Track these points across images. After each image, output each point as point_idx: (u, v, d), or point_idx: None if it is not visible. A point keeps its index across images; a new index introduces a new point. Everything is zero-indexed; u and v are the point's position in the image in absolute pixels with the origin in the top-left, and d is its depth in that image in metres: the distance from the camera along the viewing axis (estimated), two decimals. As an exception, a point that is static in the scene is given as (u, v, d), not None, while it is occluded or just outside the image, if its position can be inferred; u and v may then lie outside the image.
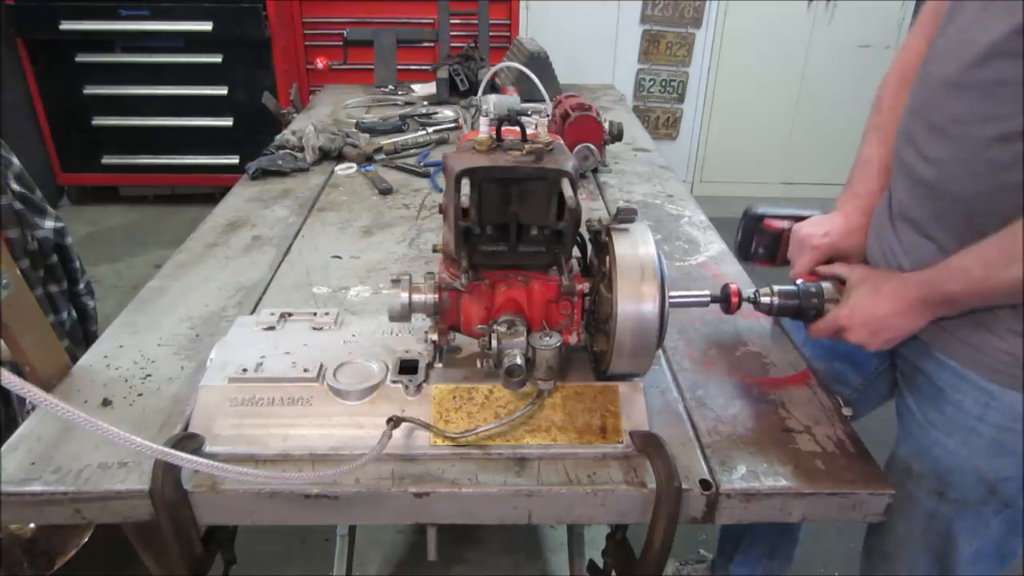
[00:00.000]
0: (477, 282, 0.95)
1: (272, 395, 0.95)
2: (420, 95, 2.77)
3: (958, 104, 0.96)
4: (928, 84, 1.04)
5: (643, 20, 4.23)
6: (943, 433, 1.07)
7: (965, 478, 1.06)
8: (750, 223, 1.30)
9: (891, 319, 1.01)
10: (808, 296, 1.09)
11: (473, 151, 0.92)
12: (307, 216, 1.68)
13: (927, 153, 1.02)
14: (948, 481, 1.08)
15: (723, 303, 1.09)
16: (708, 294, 1.08)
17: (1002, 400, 1.00)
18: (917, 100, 1.07)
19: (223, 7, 3.72)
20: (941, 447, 1.08)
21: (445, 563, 2.02)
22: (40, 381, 1.01)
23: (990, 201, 0.93)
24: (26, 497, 0.86)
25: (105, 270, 3.56)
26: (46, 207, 1.64)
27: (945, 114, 0.98)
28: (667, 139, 4.54)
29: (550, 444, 0.93)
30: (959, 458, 1.06)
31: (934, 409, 1.09)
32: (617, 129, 1.99)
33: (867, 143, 1.22)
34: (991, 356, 1.00)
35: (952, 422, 1.06)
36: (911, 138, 1.06)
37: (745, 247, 1.32)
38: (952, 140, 0.97)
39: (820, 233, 1.18)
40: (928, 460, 1.10)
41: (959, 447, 1.05)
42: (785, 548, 1.62)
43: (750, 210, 1.31)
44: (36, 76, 3.91)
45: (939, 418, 1.08)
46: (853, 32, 4.25)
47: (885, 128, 1.17)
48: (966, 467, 1.06)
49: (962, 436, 1.05)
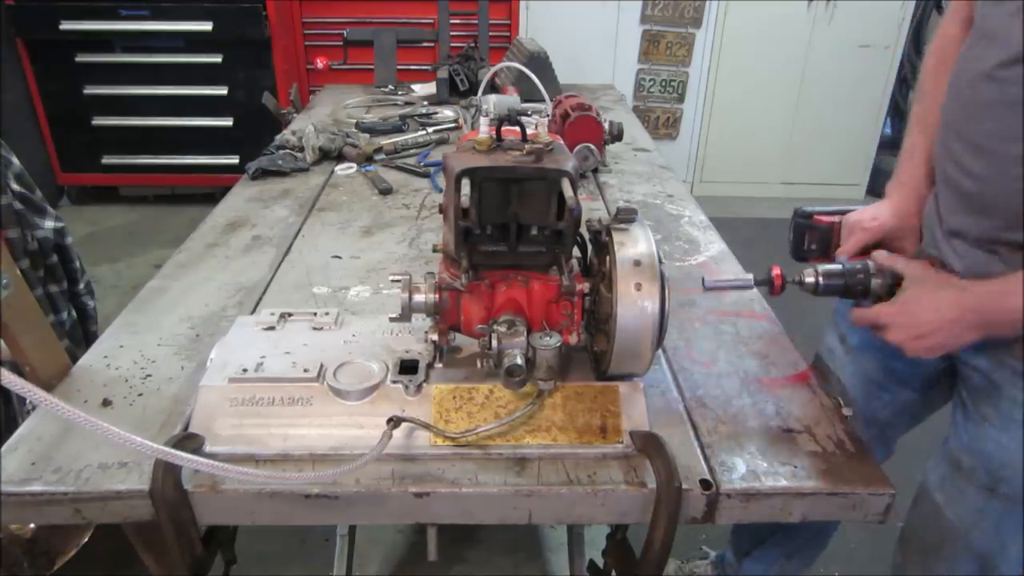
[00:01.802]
0: (477, 282, 0.95)
1: (272, 395, 0.95)
2: (420, 95, 2.77)
3: (994, 123, 0.97)
4: (959, 101, 1.04)
5: (643, 20, 4.24)
6: (997, 429, 1.06)
7: (1017, 475, 1.05)
8: (801, 221, 1.29)
9: (941, 327, 0.97)
10: (854, 273, 1.05)
11: (473, 151, 0.92)
12: (307, 216, 1.68)
13: (968, 168, 1.02)
14: (999, 477, 1.07)
15: (767, 285, 1.07)
16: (752, 277, 1.07)
17: None
18: (950, 115, 1.07)
19: (223, 7, 3.72)
20: (994, 442, 1.06)
21: (445, 563, 2.02)
22: (40, 381, 1.01)
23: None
24: (26, 497, 0.86)
25: (105, 270, 3.55)
26: (46, 207, 1.64)
27: (979, 131, 0.99)
28: (667, 139, 4.55)
29: (550, 444, 0.93)
30: (1012, 453, 1.04)
31: (988, 404, 1.08)
32: (617, 129, 1.99)
33: (911, 132, 1.23)
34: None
35: (1007, 417, 1.05)
36: (951, 153, 1.06)
37: (798, 245, 1.31)
38: (989, 156, 0.98)
39: (869, 216, 1.20)
40: (980, 455, 1.09)
41: (1012, 442, 1.04)
42: (809, 551, 1.60)
43: (800, 209, 1.31)
44: (36, 76, 3.91)
45: (993, 413, 1.07)
46: (853, 32, 4.25)
47: (927, 115, 1.18)
48: (1018, 463, 1.04)
49: (1016, 432, 1.04)
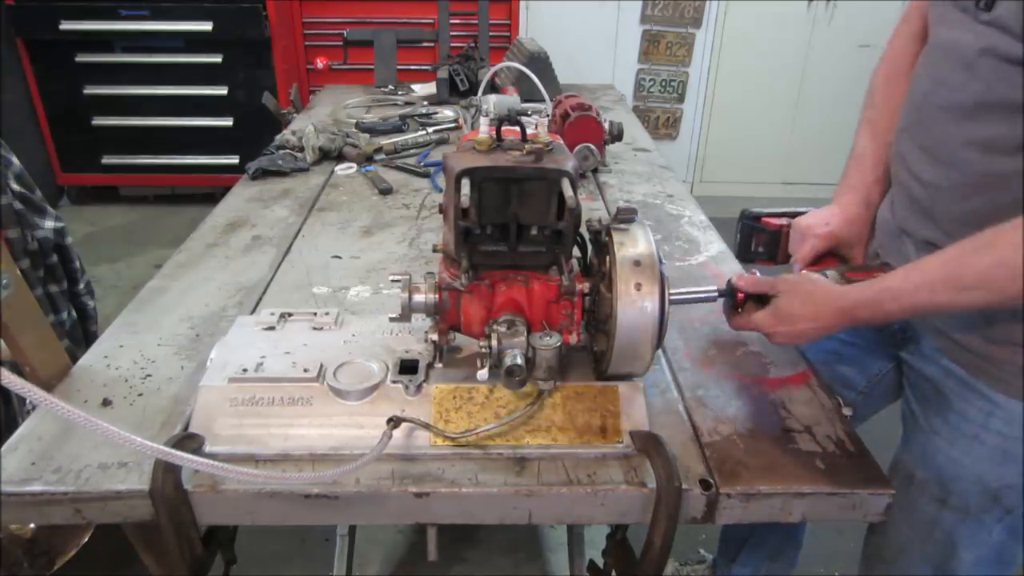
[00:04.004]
0: (477, 282, 0.95)
1: (272, 395, 0.95)
2: (420, 95, 2.77)
3: (943, 126, 0.97)
4: (914, 105, 1.05)
5: (643, 20, 4.23)
6: (946, 441, 1.07)
7: (967, 486, 1.06)
8: (748, 223, 1.30)
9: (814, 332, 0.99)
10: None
11: (473, 151, 0.92)
12: (307, 216, 1.68)
13: (917, 173, 1.03)
14: (950, 489, 1.08)
15: (729, 297, 1.09)
16: (715, 289, 1.08)
17: (1006, 409, 1.00)
18: (904, 118, 1.08)
19: (223, 7, 3.72)
20: (944, 455, 1.07)
21: (445, 563, 2.01)
22: (40, 381, 1.01)
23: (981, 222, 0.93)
24: (26, 497, 0.86)
25: (105, 270, 3.55)
26: (46, 207, 1.64)
27: (929, 136, 1.00)
28: (667, 139, 4.54)
29: (550, 444, 0.93)
30: (962, 466, 1.06)
31: (938, 416, 1.09)
32: (617, 129, 1.99)
33: (860, 136, 1.23)
34: (996, 365, 1.00)
35: (956, 430, 1.06)
36: (902, 157, 1.07)
37: (745, 247, 1.32)
38: (936, 162, 0.99)
39: (821, 223, 1.19)
40: (931, 467, 1.10)
41: (962, 455, 1.05)
42: (788, 551, 1.62)
43: (747, 211, 1.32)
44: (36, 76, 3.90)
45: (943, 426, 1.08)
46: (853, 32, 4.25)
47: (877, 122, 1.19)
48: (968, 475, 1.05)
49: (965, 444, 1.05)
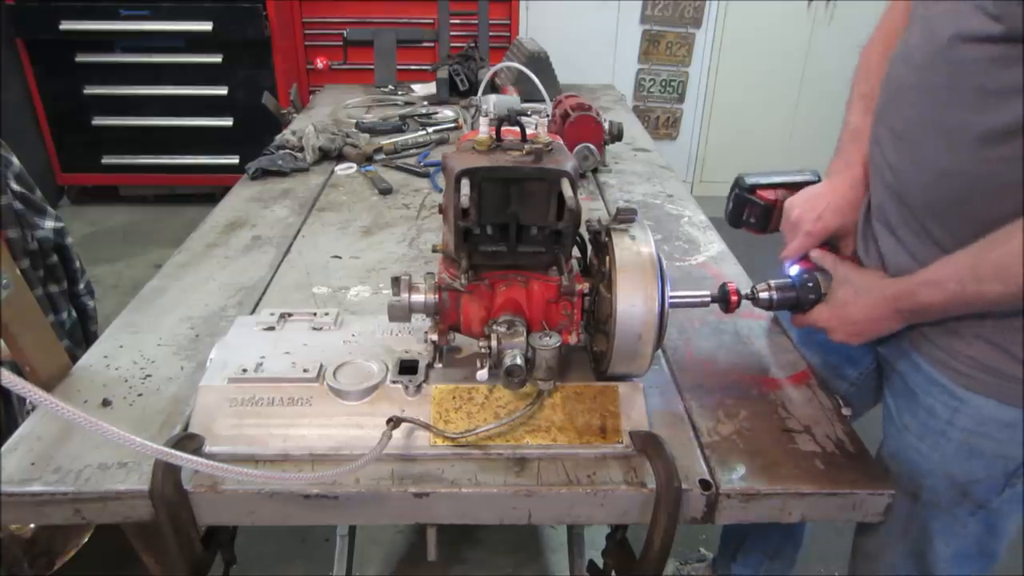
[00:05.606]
0: (477, 282, 0.95)
1: (272, 395, 0.95)
2: (420, 95, 2.77)
3: (912, 109, 0.97)
4: (889, 85, 1.04)
5: (643, 20, 4.23)
6: (916, 436, 1.08)
7: (936, 482, 1.07)
8: (741, 193, 1.30)
9: (869, 324, 1.03)
10: (805, 288, 1.10)
11: (473, 151, 0.92)
12: (307, 216, 1.68)
13: (887, 155, 1.02)
14: (921, 484, 1.08)
15: (722, 303, 1.09)
16: (708, 294, 1.08)
17: (970, 404, 1.00)
18: (880, 99, 1.07)
19: (223, 7, 3.72)
20: (915, 450, 1.08)
21: (445, 563, 2.02)
22: (40, 381, 1.01)
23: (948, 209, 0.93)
24: (26, 497, 0.86)
25: (105, 270, 3.55)
26: (46, 207, 1.64)
27: (899, 117, 0.99)
28: (667, 139, 4.54)
29: (550, 444, 0.93)
30: (931, 462, 1.06)
31: (908, 413, 1.09)
32: (617, 129, 1.99)
33: (854, 111, 1.19)
34: (959, 360, 1.00)
35: (924, 427, 1.06)
36: (876, 137, 1.06)
37: (736, 216, 1.32)
38: (904, 144, 0.98)
39: (813, 218, 1.16)
40: (903, 463, 1.10)
41: (931, 451, 1.06)
42: (788, 550, 1.63)
43: (742, 179, 1.30)
44: (36, 76, 3.90)
45: (912, 422, 1.08)
46: (853, 32, 4.18)
47: (871, 97, 1.14)
48: (937, 471, 1.06)
49: (933, 440, 1.05)
